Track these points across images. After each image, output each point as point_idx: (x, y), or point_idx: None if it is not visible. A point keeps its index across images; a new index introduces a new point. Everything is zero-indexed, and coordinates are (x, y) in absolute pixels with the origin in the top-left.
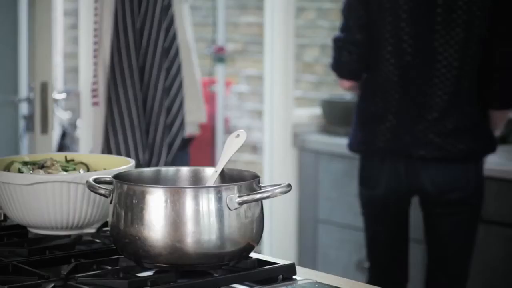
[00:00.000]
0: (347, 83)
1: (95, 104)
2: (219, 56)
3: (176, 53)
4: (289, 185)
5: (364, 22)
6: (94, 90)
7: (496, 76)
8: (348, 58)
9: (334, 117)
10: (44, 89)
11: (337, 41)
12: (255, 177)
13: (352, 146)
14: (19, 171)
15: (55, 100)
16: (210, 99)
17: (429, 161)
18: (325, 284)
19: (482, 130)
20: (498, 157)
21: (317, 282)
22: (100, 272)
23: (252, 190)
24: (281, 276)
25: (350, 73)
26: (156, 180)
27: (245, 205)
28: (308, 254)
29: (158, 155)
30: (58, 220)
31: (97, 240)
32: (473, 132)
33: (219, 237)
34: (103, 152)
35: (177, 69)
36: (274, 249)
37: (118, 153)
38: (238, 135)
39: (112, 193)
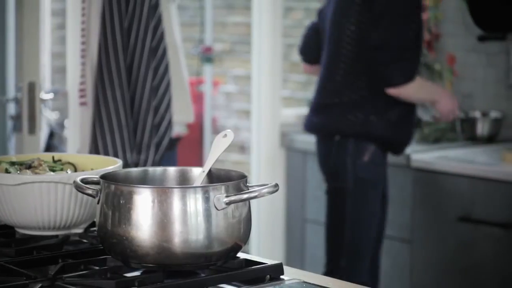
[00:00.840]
0: (307, 68)
1: (82, 104)
2: (207, 56)
3: (164, 53)
4: (276, 185)
5: None
6: (81, 90)
7: (372, 57)
8: (314, 45)
9: None
10: (32, 89)
11: (308, 28)
12: (243, 177)
13: None
14: (7, 171)
15: (43, 100)
16: (198, 99)
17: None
18: (313, 284)
19: (345, 111)
20: (486, 157)
21: (304, 282)
22: (88, 272)
23: (239, 190)
24: (268, 276)
25: (315, 58)
26: (144, 180)
27: (232, 205)
28: (296, 254)
29: (145, 155)
30: (45, 220)
31: (85, 240)
32: (331, 110)
33: (207, 237)
34: (90, 152)
35: (165, 68)
36: (262, 249)
37: (106, 153)
38: (225, 135)
39: (100, 193)
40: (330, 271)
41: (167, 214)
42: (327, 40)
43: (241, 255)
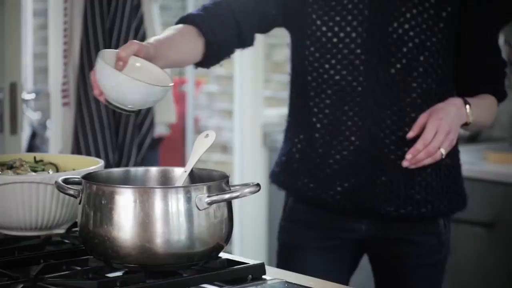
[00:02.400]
0: None
1: (65, 104)
2: None
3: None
4: (258, 185)
5: None
6: (64, 90)
7: None
8: None
9: None
10: (13, 89)
11: None
12: (224, 177)
13: None
14: None
15: (25, 101)
16: (180, 99)
17: None
18: (295, 284)
19: None
20: (468, 157)
21: (286, 282)
22: (70, 272)
23: (221, 190)
24: (250, 276)
25: None
26: (125, 181)
27: (214, 205)
28: None
29: (127, 155)
30: (27, 220)
31: (67, 241)
32: None
33: (189, 237)
34: (72, 152)
35: None
36: (244, 249)
37: (88, 153)
38: (207, 135)
39: (81, 194)
40: None
41: (149, 214)
42: None
43: (223, 255)
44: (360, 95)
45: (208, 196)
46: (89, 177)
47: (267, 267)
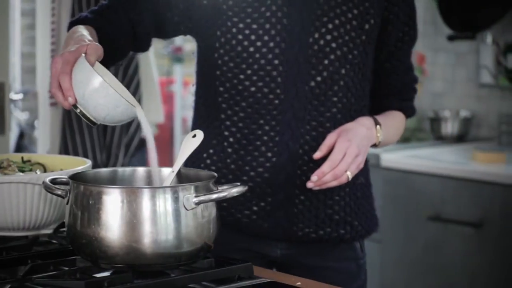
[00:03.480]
0: None
1: (53, 104)
2: (177, 56)
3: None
4: (245, 185)
5: None
6: None
7: None
8: None
9: None
10: (1, 89)
11: None
12: (212, 177)
13: None
14: None
15: (13, 101)
16: (168, 99)
17: None
18: (282, 284)
19: None
20: (456, 156)
21: (274, 282)
22: (57, 273)
23: (208, 190)
24: (238, 276)
25: None
26: (113, 181)
27: (201, 205)
28: None
29: (115, 156)
30: (14, 221)
31: (54, 241)
32: None
33: (176, 237)
34: (60, 152)
35: (135, 69)
36: None
37: (76, 153)
38: (195, 135)
39: (69, 194)
40: None
41: (136, 215)
42: None
43: (210, 255)
44: (277, 108)
45: (196, 196)
46: (77, 177)
47: (254, 267)
